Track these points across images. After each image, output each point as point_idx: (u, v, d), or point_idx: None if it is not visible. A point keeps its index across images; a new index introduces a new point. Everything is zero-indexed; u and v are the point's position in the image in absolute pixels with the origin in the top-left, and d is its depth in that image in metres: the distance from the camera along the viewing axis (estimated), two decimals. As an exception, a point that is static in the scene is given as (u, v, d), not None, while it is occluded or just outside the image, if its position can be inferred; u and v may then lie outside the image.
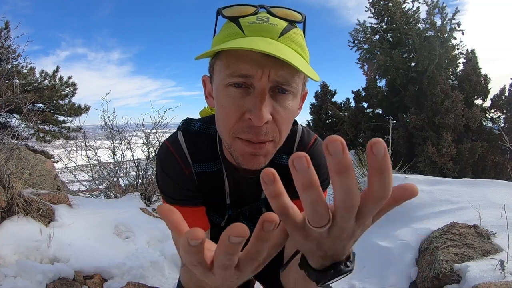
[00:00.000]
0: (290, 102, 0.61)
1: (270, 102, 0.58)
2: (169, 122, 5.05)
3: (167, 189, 0.77)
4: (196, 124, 0.79)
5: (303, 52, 0.62)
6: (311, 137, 0.82)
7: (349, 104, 8.87)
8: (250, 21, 0.60)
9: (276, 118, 0.60)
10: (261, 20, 0.60)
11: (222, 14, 0.63)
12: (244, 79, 0.57)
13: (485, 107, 6.27)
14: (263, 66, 0.56)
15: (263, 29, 0.59)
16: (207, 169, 0.77)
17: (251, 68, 0.56)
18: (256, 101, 0.56)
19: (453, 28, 6.13)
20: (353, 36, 7.35)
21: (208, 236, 0.83)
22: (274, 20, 0.60)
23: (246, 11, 0.61)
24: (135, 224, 2.75)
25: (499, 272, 1.45)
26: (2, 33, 6.96)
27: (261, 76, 0.56)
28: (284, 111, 0.60)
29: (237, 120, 0.59)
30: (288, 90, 0.59)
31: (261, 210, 0.89)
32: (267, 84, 0.57)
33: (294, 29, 0.62)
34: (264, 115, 0.56)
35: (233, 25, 0.61)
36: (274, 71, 0.56)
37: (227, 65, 0.58)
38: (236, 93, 0.59)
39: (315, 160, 0.78)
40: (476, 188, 2.63)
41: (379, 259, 2.22)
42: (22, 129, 4.26)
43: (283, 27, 0.60)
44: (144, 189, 4.51)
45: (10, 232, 2.05)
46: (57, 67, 8.34)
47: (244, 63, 0.56)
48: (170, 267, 2.33)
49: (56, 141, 8.39)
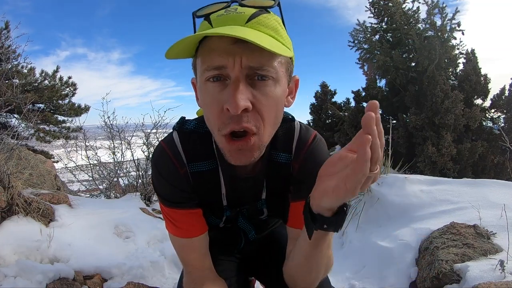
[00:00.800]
0: (271, 88, 0.59)
1: (247, 89, 0.57)
2: (169, 122, 5.05)
3: (163, 191, 0.76)
4: (191, 123, 0.78)
5: (277, 35, 0.60)
6: (310, 134, 0.79)
7: (349, 104, 8.87)
8: (218, 15, 0.60)
9: (257, 106, 0.58)
10: (229, 11, 0.60)
11: (196, 15, 0.64)
12: (219, 71, 0.57)
13: (485, 107, 6.26)
14: (234, 54, 0.55)
15: (229, 19, 0.58)
16: (202, 168, 0.76)
17: (222, 58, 0.56)
18: (231, 90, 0.56)
19: (453, 28, 6.13)
20: (353, 36, 7.35)
21: (206, 238, 0.82)
22: (242, 9, 0.60)
23: (217, 7, 0.62)
24: (135, 224, 2.75)
25: (499, 272, 1.45)
26: (2, 33, 6.96)
27: (234, 64, 0.56)
28: (265, 98, 0.58)
29: (218, 114, 0.59)
30: (266, 76, 0.58)
31: (262, 211, 0.86)
32: (241, 71, 0.56)
33: (265, 14, 0.61)
34: (239, 102, 0.54)
35: (204, 22, 0.62)
36: (245, 57, 0.55)
37: (202, 61, 0.59)
38: (214, 87, 0.58)
39: (315, 158, 0.76)
40: (476, 188, 2.63)
41: (379, 259, 2.22)
42: (22, 129, 4.26)
43: (250, 13, 0.59)
44: (144, 189, 4.51)
45: (10, 232, 2.05)
46: (57, 67, 8.36)
47: (215, 54, 0.56)
48: (170, 267, 2.33)
49: (56, 141, 8.40)
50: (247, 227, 0.92)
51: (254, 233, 0.95)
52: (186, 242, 0.78)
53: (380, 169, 0.51)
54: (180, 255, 0.83)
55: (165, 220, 0.79)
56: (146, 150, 4.89)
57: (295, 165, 0.77)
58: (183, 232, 0.78)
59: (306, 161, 0.76)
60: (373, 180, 0.49)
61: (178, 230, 0.78)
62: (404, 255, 2.07)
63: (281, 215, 0.92)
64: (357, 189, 0.48)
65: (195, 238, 0.78)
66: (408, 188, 2.79)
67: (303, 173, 0.76)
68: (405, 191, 2.76)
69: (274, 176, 0.78)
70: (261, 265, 1.01)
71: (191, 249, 0.80)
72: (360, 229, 2.78)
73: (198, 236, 0.78)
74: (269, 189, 0.82)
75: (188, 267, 0.83)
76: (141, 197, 4.14)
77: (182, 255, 0.83)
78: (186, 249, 0.80)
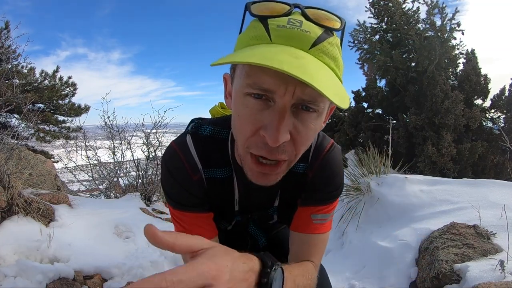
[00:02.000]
0: (313, 121, 0.54)
1: (290, 120, 0.51)
2: (169, 122, 5.06)
3: (174, 194, 0.74)
4: (207, 128, 0.73)
5: (336, 66, 0.54)
6: (327, 142, 0.77)
7: (349, 104, 8.87)
8: (279, 25, 0.51)
9: (295, 137, 0.53)
10: (293, 24, 0.51)
11: (250, 11, 0.55)
12: (265, 92, 0.50)
13: (485, 107, 6.26)
14: (288, 83, 0.48)
15: (293, 37, 0.50)
16: (218, 175, 0.74)
17: (273, 83, 0.49)
18: (275, 119, 0.50)
19: (453, 28, 6.13)
20: (353, 36, 7.35)
21: (216, 241, 0.82)
22: (307, 25, 0.52)
23: (277, 10, 0.53)
24: (135, 224, 2.75)
25: (499, 272, 1.45)
26: (2, 33, 6.96)
27: (285, 93, 0.49)
28: (305, 130, 0.54)
29: (251, 134, 0.54)
30: (313, 109, 0.52)
31: (272, 217, 0.86)
32: (290, 101, 0.50)
33: (330, 38, 0.53)
34: (280, 136, 0.50)
35: (260, 26, 0.53)
36: (300, 89, 0.49)
37: (248, 74, 0.52)
38: (255, 104, 0.52)
39: (330, 167, 0.74)
40: (476, 188, 2.63)
41: (379, 259, 2.22)
42: (22, 129, 4.26)
43: (317, 36, 0.51)
44: (144, 189, 4.51)
45: (10, 232, 2.05)
46: (57, 67, 8.35)
47: (267, 76, 0.49)
48: (170, 267, 2.33)
49: (56, 141, 8.40)
50: (258, 233, 0.91)
51: (264, 240, 0.94)
52: None
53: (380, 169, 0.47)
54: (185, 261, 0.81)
55: (174, 223, 0.77)
56: (146, 150, 4.90)
57: (309, 173, 0.76)
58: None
59: (321, 169, 0.75)
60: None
61: (187, 233, 0.76)
62: (404, 255, 2.07)
63: (289, 221, 0.93)
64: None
65: None
66: (408, 188, 2.79)
67: (317, 182, 0.75)
68: (405, 191, 2.76)
69: (289, 185, 0.77)
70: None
71: None
72: (360, 229, 2.79)
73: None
74: (283, 198, 0.81)
75: None
76: (141, 197, 4.14)
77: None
78: None
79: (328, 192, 0.75)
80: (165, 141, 5.03)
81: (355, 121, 7.36)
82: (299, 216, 0.77)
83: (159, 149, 4.92)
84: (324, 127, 0.65)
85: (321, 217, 0.75)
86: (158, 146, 4.93)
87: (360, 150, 4.75)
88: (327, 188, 0.74)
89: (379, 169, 3.30)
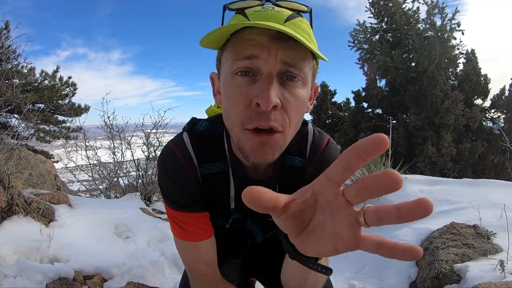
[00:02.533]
0: (299, 89, 0.59)
1: (278, 87, 0.56)
2: (169, 122, 5.06)
3: (170, 194, 0.75)
4: (202, 124, 0.77)
5: (310, 40, 0.60)
6: (324, 138, 0.79)
7: (349, 104, 8.88)
8: (255, 10, 0.59)
9: (285, 105, 0.57)
10: (266, 9, 0.59)
11: (228, 7, 0.63)
12: (250, 61, 0.56)
13: (485, 107, 6.27)
14: (269, 48, 0.54)
15: (268, 16, 0.58)
16: (214, 170, 0.75)
17: (256, 48, 0.55)
18: (263, 84, 0.55)
19: (453, 28, 6.14)
20: (353, 36, 7.36)
21: (213, 241, 0.81)
22: (278, 9, 0.60)
23: (252, 3, 0.61)
24: (135, 224, 2.75)
25: (499, 272, 1.45)
26: (2, 33, 6.96)
27: (267, 56, 0.55)
28: (293, 98, 0.58)
29: (244, 109, 0.58)
30: (297, 76, 0.57)
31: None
32: (275, 66, 0.55)
33: (300, 17, 0.61)
34: (272, 98, 0.54)
35: (239, 15, 0.61)
36: (282, 52, 0.55)
37: (233, 51, 0.58)
38: (243, 81, 0.57)
39: (328, 163, 0.76)
40: (476, 188, 2.63)
41: (379, 259, 2.22)
42: (22, 129, 4.26)
43: (288, 14, 0.59)
44: (144, 189, 4.51)
45: (10, 232, 2.05)
46: (57, 67, 8.37)
47: (249, 44, 0.55)
48: (170, 267, 2.33)
49: (56, 141, 8.41)
50: (255, 230, 0.91)
51: (261, 236, 0.94)
52: (192, 245, 0.77)
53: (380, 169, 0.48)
54: (186, 260, 0.81)
55: (171, 223, 0.78)
56: (146, 150, 4.90)
57: (309, 169, 0.77)
58: (190, 235, 0.76)
59: (320, 165, 0.75)
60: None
61: (185, 233, 0.76)
62: (404, 255, 2.07)
63: None
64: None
65: (202, 242, 0.77)
66: (408, 188, 2.79)
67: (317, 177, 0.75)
68: (405, 191, 2.76)
69: (287, 180, 0.78)
70: (263, 266, 1.00)
71: (199, 253, 0.78)
72: (360, 229, 2.79)
73: (205, 240, 0.77)
74: (281, 192, 0.81)
75: (194, 272, 0.81)
76: (141, 197, 4.14)
77: (188, 260, 0.81)
78: (192, 253, 0.79)
79: None
80: (165, 141, 5.02)
81: (355, 121, 7.37)
82: None
83: (159, 149, 4.92)
84: (324, 127, 0.65)
85: None
86: (158, 146, 4.93)
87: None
88: None
89: (379, 169, 3.31)
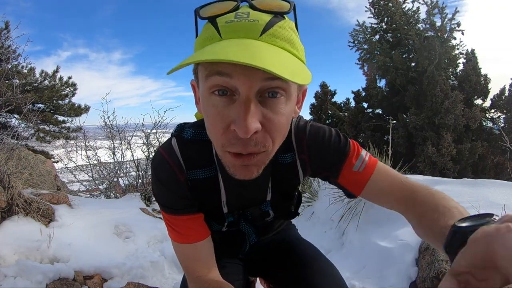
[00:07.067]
0: (283, 106, 0.53)
1: (257, 109, 0.51)
2: (169, 122, 5.06)
3: (164, 199, 0.74)
4: (188, 131, 0.73)
5: (292, 47, 0.53)
6: (303, 123, 0.76)
7: (349, 104, 8.88)
8: (227, 20, 0.52)
9: (267, 126, 0.53)
10: (240, 17, 0.52)
11: (199, 15, 0.56)
12: (223, 79, 0.50)
13: (485, 107, 6.27)
14: (245, 68, 0.47)
15: (241, 28, 0.51)
16: (201, 175, 0.74)
17: (229, 66, 0.48)
18: (241, 110, 0.49)
19: (453, 28, 6.14)
20: (353, 36, 7.36)
21: (210, 242, 0.81)
22: (254, 15, 0.52)
23: (224, 8, 0.54)
24: (135, 224, 2.75)
25: (499, 272, 1.45)
26: (2, 33, 6.96)
27: (243, 77, 0.48)
28: (276, 116, 0.53)
29: (223, 132, 0.53)
30: (279, 92, 0.52)
31: (267, 213, 0.84)
32: (253, 85, 0.49)
33: (280, 22, 0.53)
34: (249, 126, 0.49)
35: (210, 26, 0.54)
36: (259, 75, 0.48)
37: (205, 66, 0.52)
38: (220, 102, 0.52)
39: (317, 137, 0.74)
40: (476, 188, 2.63)
41: (379, 259, 2.22)
42: (22, 129, 4.26)
43: (265, 23, 0.51)
44: (144, 189, 4.51)
45: (10, 232, 2.05)
46: (57, 67, 8.37)
47: (224, 64, 0.49)
48: (170, 267, 2.33)
49: (56, 141, 8.42)
50: (248, 230, 0.91)
51: (254, 237, 0.94)
52: (189, 247, 0.77)
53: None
54: (183, 263, 0.80)
55: (166, 226, 0.78)
56: (146, 150, 4.90)
57: (304, 157, 0.75)
58: (186, 237, 0.76)
59: (313, 145, 0.74)
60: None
61: (181, 236, 0.76)
62: (404, 255, 2.07)
63: (287, 215, 0.89)
64: None
65: (199, 243, 0.77)
66: (408, 188, 2.79)
67: (318, 156, 0.74)
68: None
69: (279, 177, 0.77)
70: (272, 267, 0.99)
71: (195, 254, 0.78)
72: (360, 229, 2.78)
73: (201, 241, 0.77)
74: (275, 191, 0.80)
75: (191, 273, 0.80)
76: (141, 197, 4.14)
77: (186, 263, 0.80)
78: (190, 255, 0.78)
79: (336, 152, 0.73)
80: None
81: (355, 121, 7.37)
82: (348, 183, 0.74)
83: (159, 149, 4.92)
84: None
85: (358, 163, 0.72)
86: (158, 146, 4.94)
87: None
88: (331, 151, 0.73)
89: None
